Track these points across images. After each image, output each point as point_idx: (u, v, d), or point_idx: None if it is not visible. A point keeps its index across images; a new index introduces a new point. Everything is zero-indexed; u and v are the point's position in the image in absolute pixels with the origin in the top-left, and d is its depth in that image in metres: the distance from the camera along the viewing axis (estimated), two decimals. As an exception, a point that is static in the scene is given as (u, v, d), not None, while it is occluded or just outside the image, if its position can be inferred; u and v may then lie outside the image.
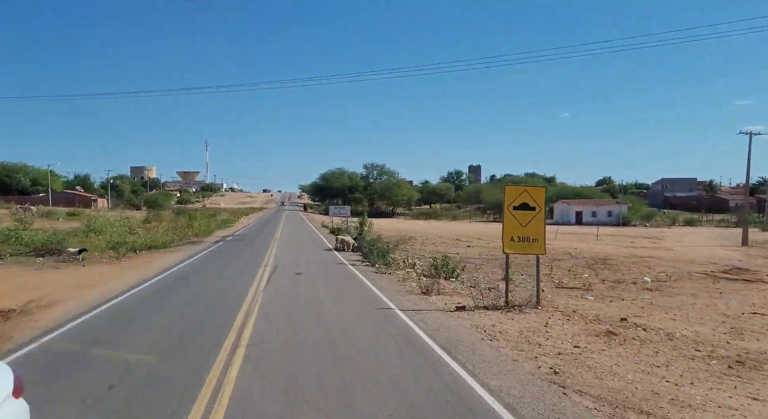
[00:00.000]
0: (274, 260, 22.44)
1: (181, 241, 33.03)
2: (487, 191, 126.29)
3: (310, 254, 25.76)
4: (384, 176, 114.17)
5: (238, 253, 25.52)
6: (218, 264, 20.97)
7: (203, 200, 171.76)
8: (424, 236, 46.88)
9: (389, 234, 47.01)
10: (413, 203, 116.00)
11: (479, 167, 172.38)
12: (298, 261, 22.04)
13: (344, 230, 44.04)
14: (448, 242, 41.28)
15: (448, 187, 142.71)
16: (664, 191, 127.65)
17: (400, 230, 54.18)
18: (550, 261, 24.69)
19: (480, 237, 48.64)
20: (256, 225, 54.86)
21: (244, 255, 24.36)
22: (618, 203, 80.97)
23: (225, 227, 51.25)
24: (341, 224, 50.42)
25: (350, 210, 50.96)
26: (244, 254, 24.99)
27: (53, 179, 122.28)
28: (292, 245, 30.71)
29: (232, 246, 29.84)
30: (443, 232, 55.65)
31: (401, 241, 37.40)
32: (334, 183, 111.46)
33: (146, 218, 53.31)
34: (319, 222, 63.07)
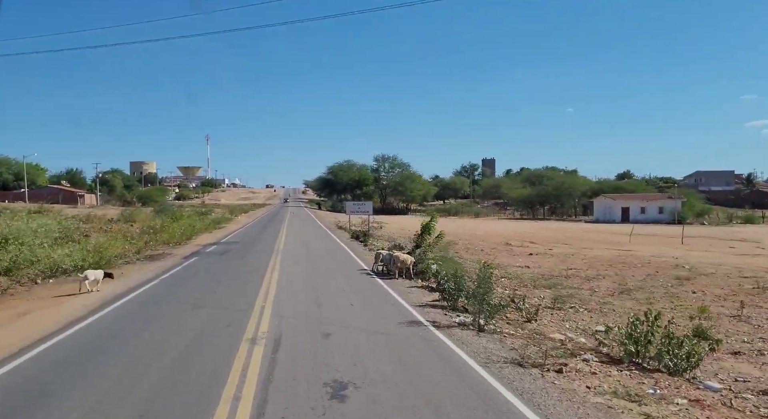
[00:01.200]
0: (275, 307, 11.26)
1: (138, 254, 22.05)
2: (507, 186, 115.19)
3: (340, 285, 14.63)
4: (396, 168, 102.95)
5: (206, 288, 14.21)
6: (140, 339, 9.35)
7: (202, 196, 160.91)
8: (462, 238, 36.05)
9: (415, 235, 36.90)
10: (430, 198, 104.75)
11: (493, 160, 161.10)
12: (323, 313, 10.85)
13: (371, 234, 33.07)
14: (499, 249, 30.41)
15: (463, 181, 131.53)
16: (698, 184, 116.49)
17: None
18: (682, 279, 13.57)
19: (533, 240, 37.64)
20: (254, 226, 43.88)
21: (216, 296, 12.98)
22: (671, 198, 69.66)
23: (215, 228, 40.32)
24: (363, 226, 39.57)
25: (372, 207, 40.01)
26: (218, 291, 13.64)
27: (38, 174, 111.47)
28: (305, 263, 19.54)
29: (208, 266, 18.70)
30: (481, 232, 44.60)
31: (440, 247, 27.04)
32: (342, 177, 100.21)
33: (118, 218, 42.59)
34: (331, 222, 51.98)
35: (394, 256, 15.96)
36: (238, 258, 20.87)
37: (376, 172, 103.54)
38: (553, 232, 47.20)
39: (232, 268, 17.93)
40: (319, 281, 15.18)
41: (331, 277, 15.90)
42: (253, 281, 15.05)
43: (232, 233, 35.02)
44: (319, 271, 17.15)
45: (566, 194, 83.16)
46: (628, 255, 26.78)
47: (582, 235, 44.09)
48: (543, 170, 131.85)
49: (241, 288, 13.82)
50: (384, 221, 49.03)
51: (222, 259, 20.75)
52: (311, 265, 18.72)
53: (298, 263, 19.23)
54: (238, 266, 18.50)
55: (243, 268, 17.87)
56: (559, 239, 38.31)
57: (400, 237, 32.56)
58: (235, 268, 17.93)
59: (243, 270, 17.30)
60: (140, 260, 20.55)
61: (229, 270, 17.36)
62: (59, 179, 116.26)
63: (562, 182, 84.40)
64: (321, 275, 16.29)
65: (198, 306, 11.37)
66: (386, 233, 40.02)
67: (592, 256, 26.47)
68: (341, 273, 16.79)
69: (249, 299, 12.14)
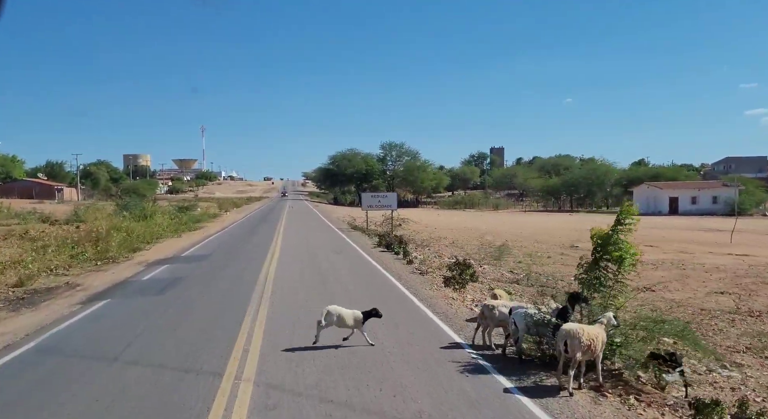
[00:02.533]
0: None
1: (19, 288, 12.07)
2: (523, 175, 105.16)
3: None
4: (404, 157, 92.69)
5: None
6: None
7: (196, 189, 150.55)
8: (504, 238, 26.61)
9: (454, 237, 28.09)
10: (441, 189, 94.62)
11: (502, 149, 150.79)
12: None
13: (404, 239, 23.11)
14: (569, 253, 20.85)
15: (472, 171, 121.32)
16: (729, 171, 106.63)
17: (458, 230, 33.36)
18: None
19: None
20: (241, 226, 33.85)
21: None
22: (726, 186, 59.73)
23: (191, 229, 30.36)
24: (382, 224, 29.96)
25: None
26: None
27: (15, 166, 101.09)
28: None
29: (99, 334, 8.52)
30: (519, 230, 34.78)
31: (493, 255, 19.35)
32: (346, 167, 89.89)
33: (68, 216, 32.68)
34: (339, 218, 41.87)
35: (571, 332, 5.77)
36: (180, 305, 10.60)
37: (382, 161, 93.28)
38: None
39: (145, 350, 7.76)
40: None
41: (406, 391, 5.77)
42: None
43: (207, 239, 24.82)
44: (360, 356, 7.02)
45: (597, 183, 73.20)
46: (756, 263, 17.58)
47: (654, 233, 34.18)
48: (557, 158, 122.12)
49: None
50: (401, 217, 39.09)
51: (146, 307, 10.55)
52: (335, 332, 8.34)
53: (301, 319, 9.03)
54: (162, 341, 8.27)
55: (172, 348, 7.67)
56: (638, 240, 28.49)
57: (456, 245, 22.80)
58: (150, 349, 7.74)
59: (169, 356, 7.15)
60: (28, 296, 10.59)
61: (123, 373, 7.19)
62: (39, 172, 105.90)
63: (592, 170, 74.33)
64: (374, 377, 6.19)
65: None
66: (417, 233, 30.07)
67: (711, 266, 17.54)
68: (421, 364, 6.65)
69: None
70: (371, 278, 14.24)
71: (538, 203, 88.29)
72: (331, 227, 31.63)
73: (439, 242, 26.50)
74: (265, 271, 14.43)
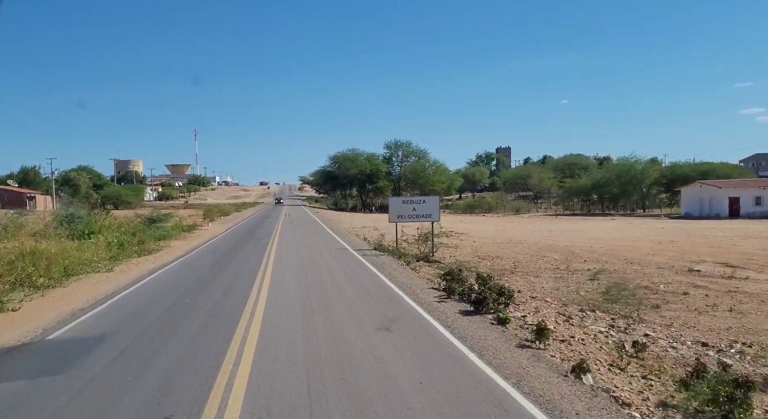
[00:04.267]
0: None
1: None
2: (538, 175, 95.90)
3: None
4: (411, 157, 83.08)
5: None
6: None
7: (187, 195, 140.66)
8: (576, 256, 17.07)
9: (507, 255, 20.86)
10: (453, 191, 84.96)
11: (509, 148, 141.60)
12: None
13: (491, 275, 13.24)
14: (708, 287, 11.34)
15: (482, 172, 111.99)
16: (758, 169, 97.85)
17: (503, 244, 24.00)
18: None
19: (721, 260, 18.62)
20: (218, 246, 23.96)
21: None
22: (797, 184, 50.43)
23: (143, 252, 20.61)
24: (415, 240, 20.48)
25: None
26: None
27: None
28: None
29: None
30: (580, 242, 25.47)
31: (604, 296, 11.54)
32: (349, 168, 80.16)
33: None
34: (350, 231, 32.13)
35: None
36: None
37: (387, 162, 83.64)
38: (689, 240, 27.60)
39: None
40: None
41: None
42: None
43: (145, 279, 14.29)
44: None
45: (635, 182, 63.82)
46: None
47: (734, 245, 24.62)
48: (570, 157, 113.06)
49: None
50: (443, 228, 29.43)
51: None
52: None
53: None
54: None
55: None
56: (734, 258, 19.02)
57: (523, 269, 13.51)
58: None
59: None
60: None
61: None
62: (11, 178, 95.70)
63: (626, 168, 64.93)
64: None
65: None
66: (457, 250, 20.50)
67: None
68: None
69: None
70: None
71: (557, 206, 78.93)
72: (343, 248, 21.79)
73: (498, 266, 17.07)
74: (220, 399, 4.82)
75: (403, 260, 17.40)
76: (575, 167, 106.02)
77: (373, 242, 23.48)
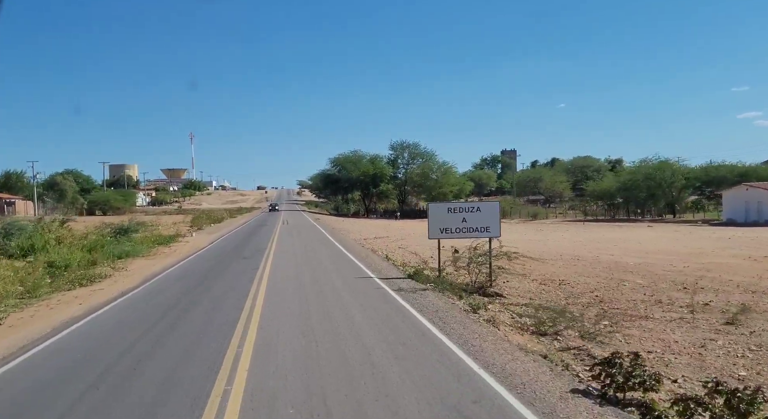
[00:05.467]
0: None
1: None
2: (551, 179, 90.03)
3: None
4: (417, 159, 77.01)
5: None
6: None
7: (181, 200, 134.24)
8: (670, 282, 10.94)
9: (588, 284, 14.78)
10: (464, 195, 78.89)
11: (514, 151, 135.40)
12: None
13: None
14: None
15: (489, 175, 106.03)
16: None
17: (567, 263, 17.78)
18: None
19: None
20: (191, 269, 17.64)
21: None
22: None
23: (86, 280, 14.38)
24: (455, 261, 14.08)
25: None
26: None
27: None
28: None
29: None
30: (658, 259, 19.26)
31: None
32: (352, 171, 73.98)
33: None
34: (362, 244, 25.72)
35: None
36: None
37: (392, 164, 77.55)
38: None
39: None
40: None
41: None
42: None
43: (36, 348, 8.45)
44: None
45: (665, 185, 57.85)
46: None
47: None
48: (581, 159, 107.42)
49: None
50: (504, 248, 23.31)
51: None
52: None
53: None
54: None
55: None
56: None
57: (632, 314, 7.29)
58: None
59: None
60: None
61: None
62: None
63: (655, 170, 58.94)
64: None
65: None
66: (526, 277, 14.28)
67: None
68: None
69: None
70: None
71: (573, 210, 72.93)
72: (364, 275, 15.31)
73: (576, 299, 10.94)
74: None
75: (464, 302, 11.22)
76: (588, 170, 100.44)
77: (400, 264, 17.27)
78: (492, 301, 12.48)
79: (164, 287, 13.22)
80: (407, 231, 38.51)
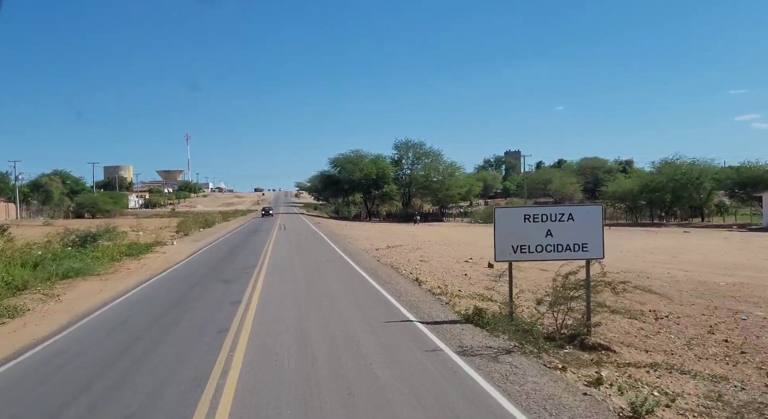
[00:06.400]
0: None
1: None
2: (561, 180, 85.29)
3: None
4: (423, 159, 72.11)
5: None
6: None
7: (176, 202, 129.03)
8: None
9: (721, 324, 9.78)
10: (472, 197, 73.97)
11: (518, 152, 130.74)
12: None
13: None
14: None
15: (495, 176, 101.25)
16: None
17: (654, 279, 12.71)
18: None
19: None
20: (150, 299, 12.83)
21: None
22: None
23: None
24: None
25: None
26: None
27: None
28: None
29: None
30: (752, 279, 14.10)
31: None
32: (354, 172, 68.99)
33: None
34: (376, 258, 20.30)
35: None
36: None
37: (397, 164, 72.64)
38: None
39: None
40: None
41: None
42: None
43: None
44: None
45: (693, 187, 53.06)
46: None
47: None
48: (590, 160, 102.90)
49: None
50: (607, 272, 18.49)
51: None
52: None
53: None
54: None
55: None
56: None
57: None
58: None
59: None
60: None
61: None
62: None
63: (684, 170, 54.11)
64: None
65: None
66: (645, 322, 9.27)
67: None
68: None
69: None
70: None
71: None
72: (400, 317, 9.96)
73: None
74: None
75: (578, 376, 6.35)
76: (599, 171, 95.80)
77: (439, 291, 12.29)
78: (600, 360, 7.74)
79: (79, 350, 8.11)
80: (421, 238, 33.59)
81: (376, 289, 12.69)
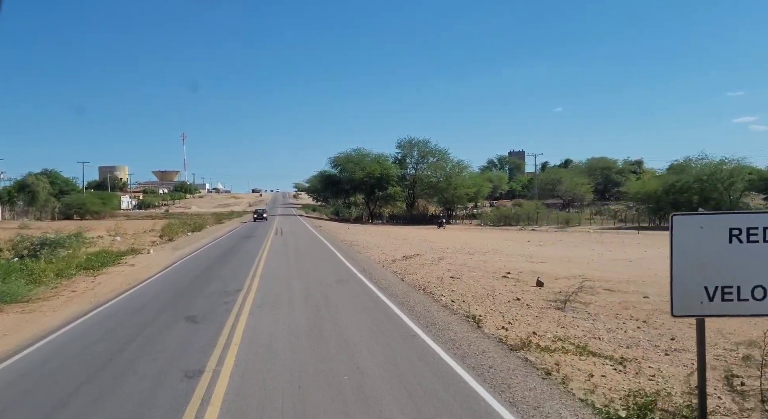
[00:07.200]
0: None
1: None
2: (571, 180, 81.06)
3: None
4: (428, 158, 67.77)
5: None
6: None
7: (170, 203, 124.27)
8: None
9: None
10: (480, 199, 69.57)
11: (522, 152, 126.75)
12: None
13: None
14: None
15: (501, 177, 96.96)
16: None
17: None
18: None
19: None
20: (69, 364, 8.39)
21: None
22: None
23: None
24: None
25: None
26: None
27: None
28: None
29: None
30: None
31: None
32: (355, 172, 64.49)
33: None
34: (420, 285, 15.92)
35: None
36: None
37: (400, 163, 68.20)
38: None
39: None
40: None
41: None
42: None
43: None
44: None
45: (720, 188, 48.84)
46: None
47: None
48: (598, 160, 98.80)
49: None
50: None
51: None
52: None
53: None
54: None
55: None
56: None
57: None
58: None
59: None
60: None
61: None
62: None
63: (712, 169, 49.90)
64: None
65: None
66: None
67: None
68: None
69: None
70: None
71: (599, 215, 63.92)
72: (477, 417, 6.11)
73: None
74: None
75: None
76: (610, 171, 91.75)
77: (526, 343, 7.72)
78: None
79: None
80: (437, 245, 29.13)
81: (422, 340, 8.09)
